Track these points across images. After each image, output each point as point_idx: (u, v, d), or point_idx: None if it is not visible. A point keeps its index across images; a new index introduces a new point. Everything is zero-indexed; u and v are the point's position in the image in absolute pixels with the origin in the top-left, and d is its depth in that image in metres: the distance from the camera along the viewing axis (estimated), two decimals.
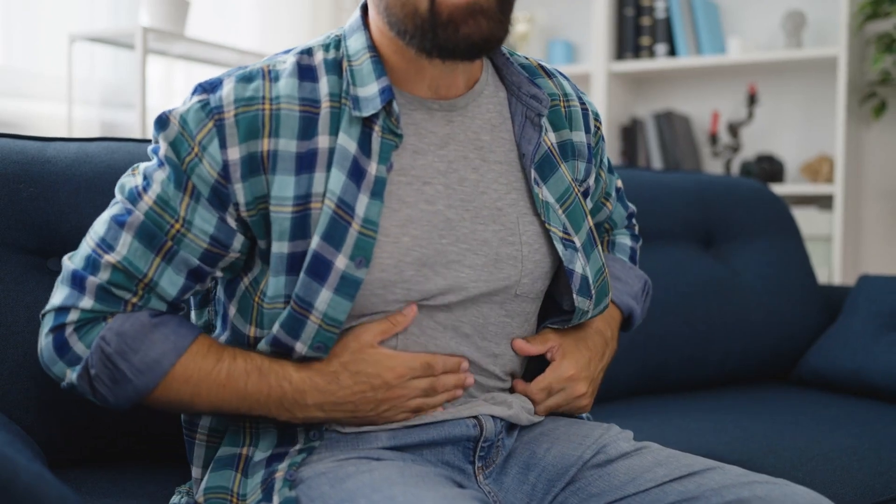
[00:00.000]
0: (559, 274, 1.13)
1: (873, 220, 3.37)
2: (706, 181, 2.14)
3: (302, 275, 0.99)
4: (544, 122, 1.12)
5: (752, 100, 3.37)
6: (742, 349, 1.97)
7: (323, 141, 1.01)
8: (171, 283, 1.02)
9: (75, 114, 2.77)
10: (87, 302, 1.01)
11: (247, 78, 1.02)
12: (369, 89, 1.02)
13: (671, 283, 1.90)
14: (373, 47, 1.04)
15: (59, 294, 1.03)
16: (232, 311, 1.07)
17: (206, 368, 1.01)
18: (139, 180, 1.03)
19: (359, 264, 0.99)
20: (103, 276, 1.01)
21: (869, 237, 3.37)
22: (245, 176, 0.99)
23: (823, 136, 3.42)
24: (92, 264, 1.02)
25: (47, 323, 1.03)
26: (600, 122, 1.23)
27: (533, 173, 1.10)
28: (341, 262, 0.99)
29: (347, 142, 1.01)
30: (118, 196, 1.04)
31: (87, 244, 1.03)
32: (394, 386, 1.02)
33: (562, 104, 1.16)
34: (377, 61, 1.03)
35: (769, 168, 3.35)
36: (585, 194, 1.19)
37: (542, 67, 1.18)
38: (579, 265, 1.11)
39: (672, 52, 3.55)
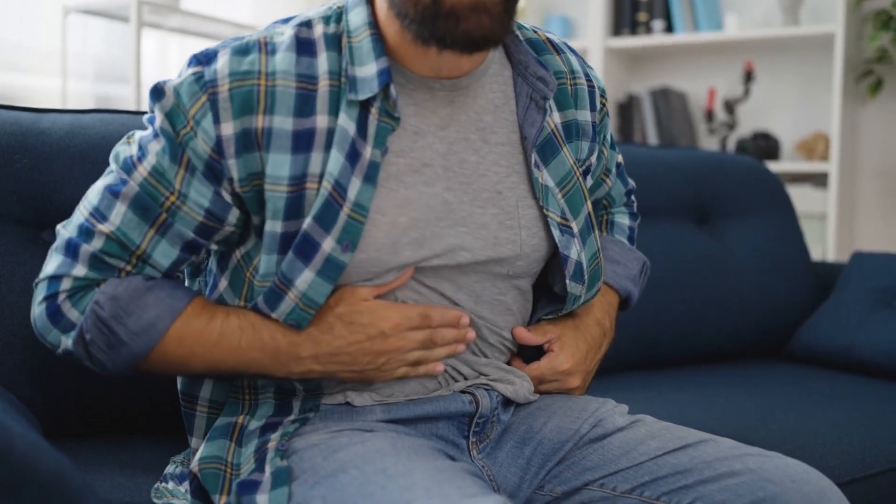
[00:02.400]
0: (553, 256, 1.13)
1: (868, 198, 3.37)
2: (701, 158, 2.14)
3: (290, 252, 0.99)
4: (549, 103, 1.10)
5: (748, 77, 3.36)
6: (735, 325, 1.98)
7: (321, 121, 0.99)
8: (164, 255, 1.02)
9: (69, 87, 2.76)
10: (80, 270, 1.01)
11: (243, 51, 1.00)
12: (367, 69, 0.99)
13: (665, 260, 1.91)
14: (374, 24, 1.01)
15: (53, 262, 1.02)
16: (223, 284, 1.07)
17: (199, 327, 1.01)
18: (134, 150, 1.02)
19: (345, 248, 0.98)
20: (96, 244, 1.00)
21: (863, 215, 3.38)
22: (239, 152, 0.98)
23: (819, 113, 3.41)
24: (85, 232, 1.01)
25: (40, 291, 1.03)
26: (606, 99, 1.20)
27: (534, 156, 1.09)
28: (328, 244, 0.98)
29: (347, 123, 0.99)
30: (112, 165, 1.03)
31: (81, 213, 1.03)
32: (389, 336, 1.01)
33: (568, 82, 1.14)
34: (377, 39, 1.01)
35: (765, 145, 3.35)
36: (586, 172, 1.18)
37: (551, 42, 1.16)
38: (574, 251, 1.10)
39: (669, 28, 3.54)
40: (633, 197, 1.40)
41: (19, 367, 1.21)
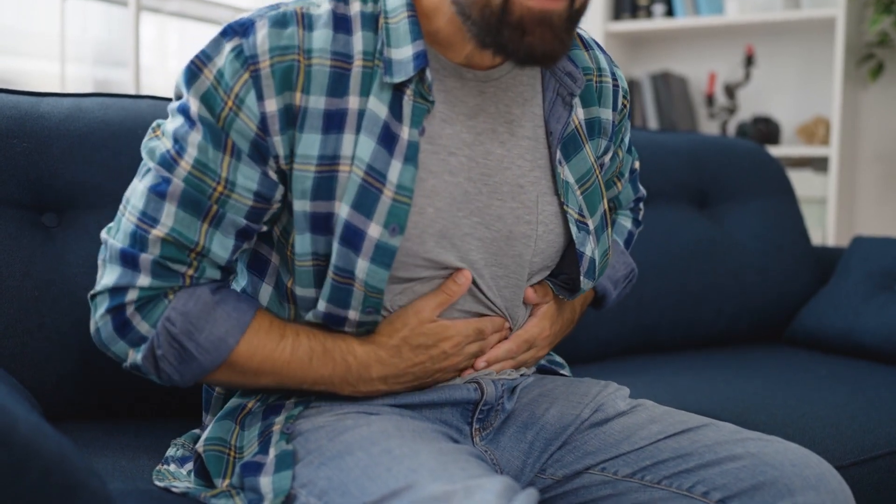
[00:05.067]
0: (564, 252, 1.13)
1: (868, 182, 3.37)
2: (702, 142, 2.13)
3: (336, 244, 0.98)
4: (575, 100, 1.10)
5: (749, 61, 3.35)
6: (735, 309, 1.98)
7: (353, 102, 0.98)
8: (221, 246, 1.00)
9: (68, 71, 2.76)
10: (143, 280, 0.98)
11: (281, 22, 0.97)
12: (403, 52, 0.98)
13: (665, 244, 1.91)
14: (412, 5, 1.00)
15: (111, 274, 0.99)
16: (276, 259, 1.06)
17: (270, 346, 1.01)
18: (169, 143, 0.98)
19: (392, 231, 0.98)
20: (154, 251, 0.98)
21: (863, 199, 3.37)
22: (283, 128, 0.97)
23: (820, 97, 3.40)
24: (140, 241, 0.98)
25: (102, 303, 1.00)
26: (628, 101, 1.20)
27: (558, 153, 1.09)
28: (374, 230, 0.97)
29: (378, 106, 0.98)
30: (149, 163, 0.99)
31: (128, 219, 0.99)
32: (451, 355, 1.05)
33: (594, 79, 1.14)
34: (415, 22, 0.99)
35: (765, 129, 3.34)
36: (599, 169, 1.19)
37: (580, 37, 1.15)
38: (589, 248, 1.11)
39: (669, 12, 3.52)
40: (641, 205, 1.41)
41: (20, 350, 1.21)
